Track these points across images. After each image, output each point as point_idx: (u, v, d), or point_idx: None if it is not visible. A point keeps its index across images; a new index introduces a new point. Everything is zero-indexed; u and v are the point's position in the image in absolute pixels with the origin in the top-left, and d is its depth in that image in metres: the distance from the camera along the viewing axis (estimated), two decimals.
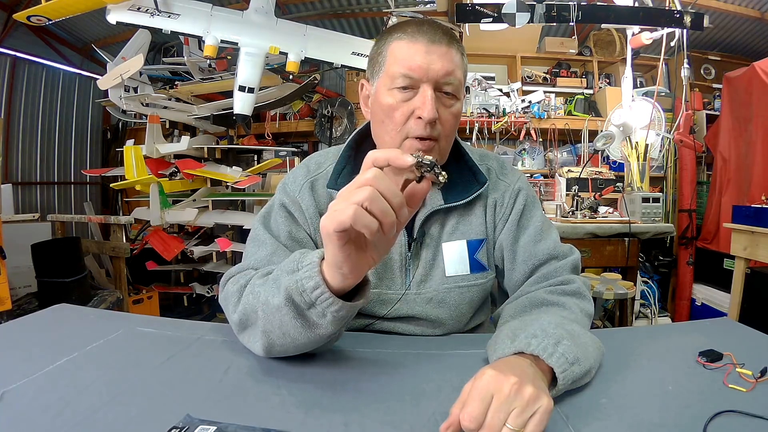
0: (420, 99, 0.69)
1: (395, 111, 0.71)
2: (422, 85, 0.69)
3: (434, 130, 0.71)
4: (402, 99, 0.70)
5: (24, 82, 3.84)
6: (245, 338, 0.65)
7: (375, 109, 0.75)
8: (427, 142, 0.71)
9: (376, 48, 0.76)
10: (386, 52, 0.72)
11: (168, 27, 2.39)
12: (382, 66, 0.73)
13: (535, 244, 0.79)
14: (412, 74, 0.69)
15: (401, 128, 0.71)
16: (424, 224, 0.79)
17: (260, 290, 0.61)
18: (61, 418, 0.48)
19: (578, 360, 0.55)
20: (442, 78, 0.69)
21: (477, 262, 0.80)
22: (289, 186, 0.81)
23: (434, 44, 0.69)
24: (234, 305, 0.66)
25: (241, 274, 0.71)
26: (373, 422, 0.49)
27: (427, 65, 0.68)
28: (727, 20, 3.52)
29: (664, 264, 3.47)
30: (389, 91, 0.71)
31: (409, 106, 0.70)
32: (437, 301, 0.79)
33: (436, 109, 0.69)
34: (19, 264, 2.40)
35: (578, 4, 2.39)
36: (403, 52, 0.70)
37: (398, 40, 0.71)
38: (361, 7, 3.82)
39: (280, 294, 0.56)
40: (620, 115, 2.86)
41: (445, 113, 0.71)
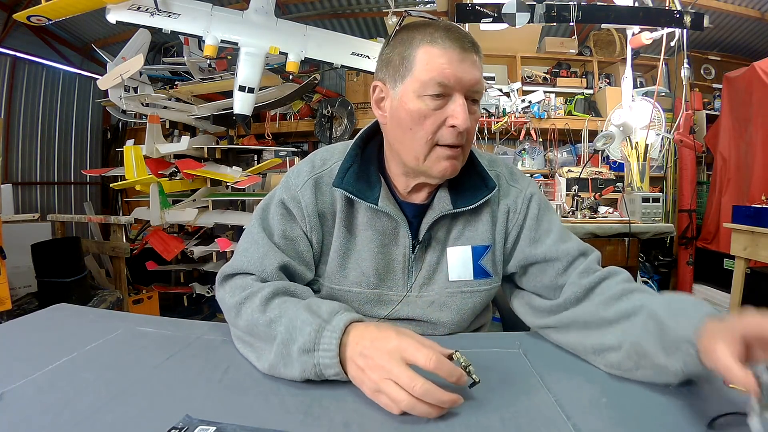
0: (453, 108, 0.68)
1: (426, 119, 0.70)
2: (455, 93, 0.69)
3: (463, 138, 0.71)
4: (434, 107, 0.69)
5: (24, 82, 3.85)
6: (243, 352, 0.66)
7: (400, 114, 0.72)
8: (457, 150, 0.71)
9: (398, 51, 0.72)
10: (414, 56, 0.70)
11: (168, 26, 2.39)
12: (409, 71, 0.70)
13: (563, 243, 0.78)
14: (447, 82, 0.68)
15: (432, 136, 0.70)
16: (431, 228, 0.79)
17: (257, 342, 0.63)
18: (61, 418, 0.48)
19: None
20: (473, 87, 0.69)
21: (481, 269, 0.80)
22: (291, 180, 0.80)
23: (466, 52, 0.69)
24: (234, 318, 0.68)
25: (236, 282, 0.72)
26: (373, 422, 0.49)
27: (461, 74, 0.68)
28: (727, 20, 3.52)
29: (664, 264, 3.47)
30: (420, 98, 0.69)
31: (442, 114, 0.69)
32: (439, 305, 0.79)
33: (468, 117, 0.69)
34: (19, 264, 2.40)
35: (578, 4, 2.39)
36: (435, 59, 0.68)
37: (429, 46, 0.69)
38: (361, 7, 3.82)
39: (293, 367, 0.57)
40: (620, 115, 2.86)
41: (471, 120, 0.71)
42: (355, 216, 0.79)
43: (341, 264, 0.79)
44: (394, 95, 0.73)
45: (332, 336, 0.56)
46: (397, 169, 0.79)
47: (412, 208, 0.80)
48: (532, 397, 0.54)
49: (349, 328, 0.58)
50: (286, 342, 0.58)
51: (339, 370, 0.55)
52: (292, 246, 0.77)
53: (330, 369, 0.55)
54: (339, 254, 0.79)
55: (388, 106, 0.75)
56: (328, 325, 0.57)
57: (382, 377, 0.52)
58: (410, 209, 0.80)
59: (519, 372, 0.62)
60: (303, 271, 0.78)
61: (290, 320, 0.60)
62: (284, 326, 0.60)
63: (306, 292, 0.72)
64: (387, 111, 0.75)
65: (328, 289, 0.80)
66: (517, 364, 0.64)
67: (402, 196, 0.80)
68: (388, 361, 0.52)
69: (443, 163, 0.72)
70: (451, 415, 0.50)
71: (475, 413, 0.50)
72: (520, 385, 0.58)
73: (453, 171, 0.73)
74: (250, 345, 0.65)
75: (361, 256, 0.79)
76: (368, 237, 0.78)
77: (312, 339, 0.56)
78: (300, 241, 0.78)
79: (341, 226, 0.79)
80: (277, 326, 0.60)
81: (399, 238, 0.79)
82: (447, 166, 0.72)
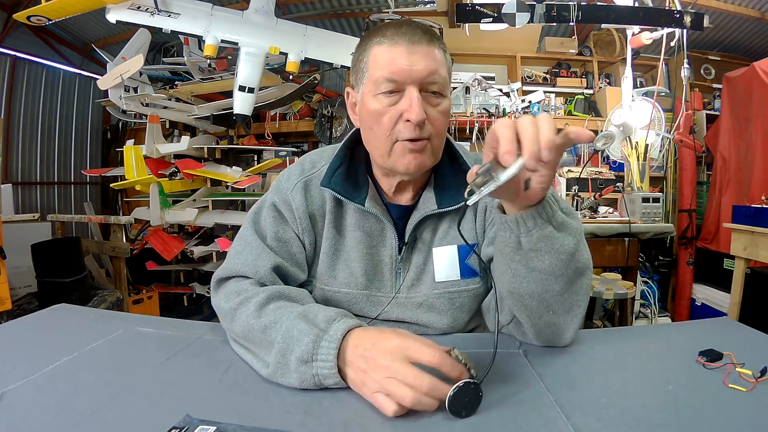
0: (406, 102, 0.68)
1: (383, 116, 0.70)
2: (407, 87, 0.68)
3: (424, 131, 0.70)
4: (388, 103, 0.69)
5: (24, 82, 3.85)
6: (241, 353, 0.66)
7: (363, 115, 0.74)
8: (419, 143, 0.71)
9: (357, 55, 0.74)
10: (368, 57, 0.71)
11: (168, 26, 2.39)
12: (365, 72, 0.72)
13: None
14: (395, 77, 0.68)
15: (390, 132, 0.71)
16: (416, 229, 0.79)
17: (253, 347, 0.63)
18: (61, 418, 0.48)
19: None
20: (427, 78, 0.69)
21: (468, 268, 0.80)
22: (282, 184, 0.82)
23: (415, 45, 0.68)
24: (229, 324, 0.68)
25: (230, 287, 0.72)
26: (373, 422, 0.49)
27: (409, 67, 0.67)
28: (727, 20, 3.52)
29: (664, 264, 3.47)
30: (375, 97, 0.70)
31: (396, 109, 0.69)
32: (427, 306, 0.79)
33: (423, 110, 0.68)
34: (19, 264, 2.40)
35: (578, 4, 2.39)
36: (384, 56, 0.69)
37: (378, 45, 0.70)
38: (361, 7, 3.82)
39: (291, 377, 0.57)
40: (620, 115, 2.86)
41: (434, 112, 0.71)
42: (344, 217, 0.80)
43: (330, 265, 0.80)
44: (359, 98, 0.75)
45: (330, 346, 0.56)
46: (378, 170, 0.80)
47: (399, 209, 0.80)
48: (532, 397, 0.54)
49: (347, 336, 0.57)
50: (284, 352, 0.58)
51: (338, 380, 0.55)
52: (285, 248, 0.78)
53: (329, 379, 0.55)
54: (328, 255, 0.80)
55: (358, 109, 0.76)
56: (326, 335, 0.57)
57: (385, 376, 0.51)
58: (396, 210, 0.80)
59: (519, 372, 0.62)
60: (296, 273, 0.78)
61: (287, 329, 0.60)
62: (281, 335, 0.59)
63: (301, 295, 0.72)
64: (357, 113, 0.77)
65: (320, 290, 0.80)
66: (517, 364, 0.64)
67: (388, 197, 0.81)
68: (392, 360, 0.52)
69: (406, 157, 0.71)
70: (450, 414, 0.50)
71: (475, 413, 0.50)
72: (520, 385, 0.58)
73: (418, 165, 0.72)
74: (247, 349, 0.65)
75: (349, 257, 0.79)
76: (357, 238, 0.79)
77: (309, 350, 0.56)
78: (292, 243, 0.78)
79: (330, 227, 0.79)
80: (273, 333, 0.60)
81: (386, 240, 0.79)
82: (410, 160, 0.71)
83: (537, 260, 0.58)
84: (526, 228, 0.57)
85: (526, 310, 0.65)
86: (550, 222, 0.57)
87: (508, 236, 0.59)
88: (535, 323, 0.66)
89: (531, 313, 0.65)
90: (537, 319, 0.65)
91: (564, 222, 0.58)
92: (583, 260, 0.62)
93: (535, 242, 0.57)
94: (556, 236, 0.57)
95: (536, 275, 0.60)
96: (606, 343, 0.72)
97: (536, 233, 0.57)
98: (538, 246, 0.57)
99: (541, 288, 0.61)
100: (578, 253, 0.60)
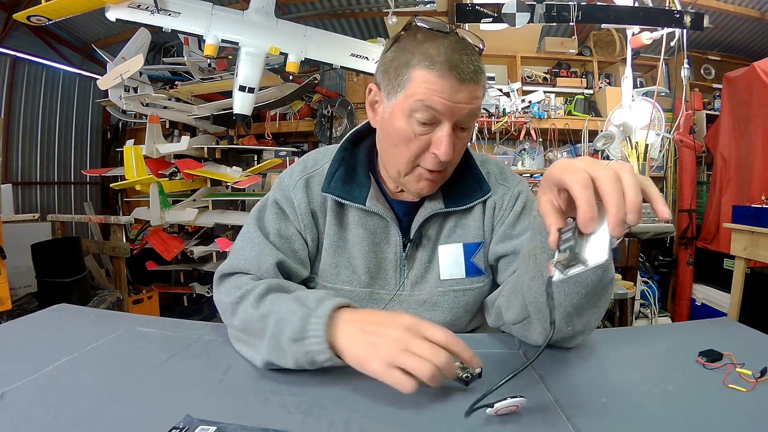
0: (438, 137, 0.67)
1: (411, 141, 0.68)
2: (444, 122, 0.66)
3: (445, 164, 0.71)
4: (420, 132, 0.67)
5: (24, 82, 3.84)
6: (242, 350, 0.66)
7: (388, 129, 0.71)
8: (438, 174, 0.72)
9: (396, 62, 0.68)
10: (410, 75, 0.66)
11: (168, 25, 2.38)
12: (402, 87, 0.67)
13: None
14: (436, 109, 0.65)
15: (415, 159, 0.70)
16: (422, 226, 0.79)
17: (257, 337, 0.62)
18: (61, 418, 0.48)
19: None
20: (465, 117, 0.67)
21: (473, 266, 0.80)
22: (284, 181, 0.82)
23: (464, 83, 0.64)
24: (230, 318, 0.68)
25: (232, 282, 0.72)
26: (373, 422, 0.49)
27: (453, 105, 0.65)
28: (727, 20, 3.52)
29: (664, 264, 3.47)
30: (407, 119, 0.67)
31: (427, 139, 0.68)
32: (431, 304, 0.79)
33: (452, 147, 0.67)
34: (19, 264, 2.40)
35: (578, 4, 2.39)
36: (429, 85, 0.64)
37: (425, 69, 0.65)
38: (361, 7, 3.81)
39: (286, 359, 0.57)
40: (620, 115, 2.86)
41: (458, 146, 0.70)
42: (345, 215, 0.80)
43: (333, 262, 0.80)
44: (387, 106, 0.71)
45: (318, 322, 0.56)
46: (385, 171, 0.80)
47: (403, 206, 0.80)
48: (532, 397, 0.54)
49: (337, 314, 0.57)
50: (276, 334, 0.58)
51: (330, 355, 0.55)
52: (288, 244, 0.78)
53: (321, 355, 0.55)
54: (330, 252, 0.80)
55: (381, 113, 0.74)
56: (315, 312, 0.57)
57: (400, 349, 0.51)
58: (401, 207, 0.80)
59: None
60: (298, 269, 0.78)
61: (279, 313, 0.60)
62: (274, 320, 0.60)
63: (300, 290, 0.72)
64: (379, 117, 0.74)
65: (322, 288, 0.81)
66: (517, 364, 0.64)
67: (393, 194, 0.81)
68: (407, 334, 0.52)
69: (422, 183, 0.73)
70: (451, 415, 0.50)
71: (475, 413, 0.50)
72: (520, 385, 0.57)
73: (430, 190, 0.75)
74: (246, 343, 0.65)
75: (352, 255, 0.80)
76: (359, 235, 0.79)
77: (299, 328, 0.56)
78: (295, 240, 0.79)
79: (332, 224, 0.80)
80: (269, 320, 0.61)
81: (390, 237, 0.80)
82: (425, 186, 0.73)
83: None
84: None
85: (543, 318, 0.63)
86: None
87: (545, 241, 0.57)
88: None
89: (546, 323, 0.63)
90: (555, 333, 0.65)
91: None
92: (611, 274, 0.61)
93: None
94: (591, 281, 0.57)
95: (566, 286, 0.58)
96: (606, 343, 0.72)
97: None
98: None
99: (567, 301, 0.59)
100: (609, 266, 0.60)
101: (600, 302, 0.62)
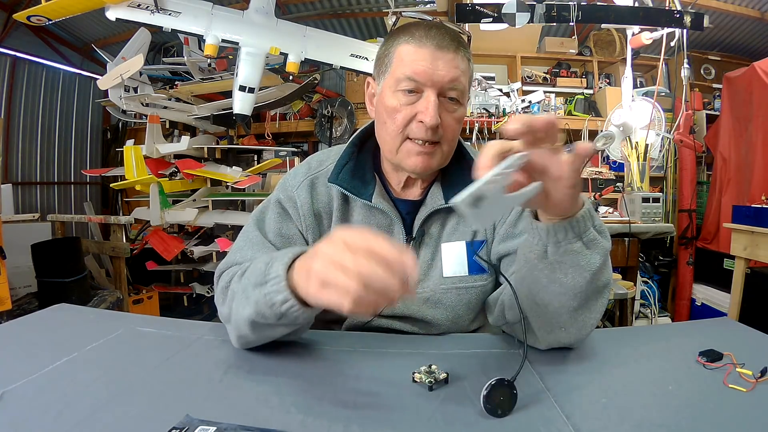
0: (423, 104, 0.70)
1: (398, 113, 0.72)
2: (426, 90, 0.70)
3: (436, 135, 0.72)
4: (406, 102, 0.71)
5: (24, 82, 3.84)
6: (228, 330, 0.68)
7: (379, 108, 0.76)
8: (428, 146, 0.72)
9: (383, 49, 0.76)
10: (393, 54, 0.73)
11: (168, 25, 2.38)
12: (388, 67, 0.74)
13: None
14: (416, 78, 0.69)
15: (402, 130, 0.72)
16: (424, 223, 0.80)
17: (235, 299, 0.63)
18: (61, 418, 0.48)
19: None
20: (447, 84, 0.70)
21: (476, 264, 0.80)
22: (288, 182, 0.83)
23: (441, 50, 0.69)
24: (221, 305, 0.70)
25: (227, 271, 0.73)
26: (373, 422, 0.49)
27: (432, 71, 0.69)
28: (727, 20, 3.52)
29: (664, 264, 3.47)
30: (394, 93, 0.72)
31: (413, 109, 0.71)
32: (433, 302, 0.79)
33: (438, 115, 0.70)
34: (19, 264, 2.40)
35: (578, 4, 2.39)
36: (409, 56, 0.70)
37: (406, 44, 0.71)
38: (361, 7, 3.81)
39: (249, 306, 0.58)
40: (620, 115, 2.86)
41: (448, 118, 0.72)
42: (350, 214, 0.81)
43: None
44: (378, 90, 0.77)
45: (279, 264, 0.55)
46: (387, 164, 0.81)
47: (407, 204, 0.81)
48: (532, 397, 0.54)
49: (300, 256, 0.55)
50: (245, 287, 0.59)
51: (287, 296, 0.53)
52: (288, 244, 0.78)
53: (278, 295, 0.54)
54: None
55: (375, 101, 0.78)
56: (278, 257, 0.57)
57: (326, 263, 0.46)
58: (404, 206, 0.81)
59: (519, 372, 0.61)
60: None
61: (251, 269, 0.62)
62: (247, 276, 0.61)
63: None
64: (375, 105, 0.79)
65: None
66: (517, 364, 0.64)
67: (396, 192, 0.82)
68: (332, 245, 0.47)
69: (414, 158, 0.73)
70: (451, 415, 0.50)
71: (475, 413, 0.50)
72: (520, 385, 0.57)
73: (425, 167, 0.74)
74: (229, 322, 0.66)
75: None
76: None
77: (262, 272, 0.57)
78: (296, 240, 0.79)
79: (338, 224, 0.80)
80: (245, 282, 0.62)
81: (393, 234, 0.80)
82: (418, 162, 0.73)
83: (560, 273, 0.58)
84: (556, 239, 0.56)
85: (538, 321, 0.65)
86: (580, 238, 0.56)
87: (535, 243, 0.58)
88: (545, 338, 0.66)
89: (542, 325, 0.65)
90: (547, 334, 0.65)
91: (594, 239, 0.58)
92: (604, 279, 0.61)
93: (562, 255, 0.57)
94: (584, 253, 0.57)
95: (556, 288, 0.59)
96: (606, 343, 0.72)
97: (564, 246, 0.56)
98: (564, 259, 0.57)
99: (557, 302, 0.60)
100: (601, 272, 0.59)
101: (595, 306, 0.62)
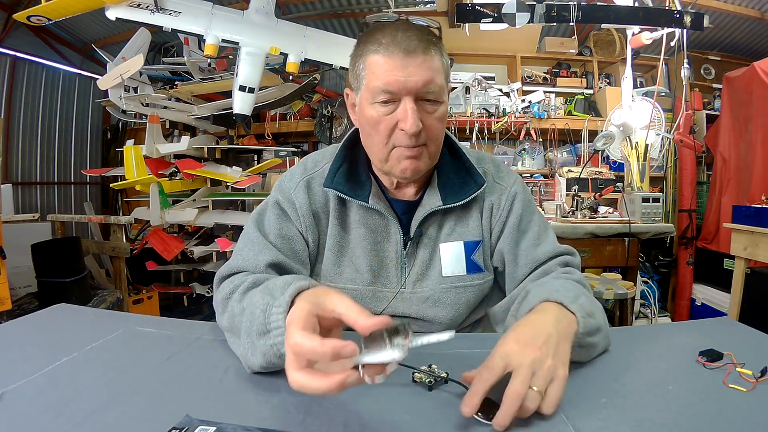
0: (402, 112, 0.69)
1: (379, 124, 0.71)
2: (403, 98, 0.69)
3: (420, 139, 0.71)
4: (385, 113, 0.70)
5: (24, 82, 3.84)
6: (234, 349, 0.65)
7: (361, 120, 0.75)
8: (415, 150, 0.72)
9: (354, 59, 0.75)
10: (364, 64, 0.71)
11: (168, 24, 2.38)
12: (362, 80, 0.72)
13: (536, 247, 0.81)
14: (390, 89, 0.68)
15: (388, 140, 0.72)
16: (421, 224, 0.80)
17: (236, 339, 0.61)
18: (61, 418, 0.48)
19: (593, 314, 0.62)
20: (422, 88, 0.69)
21: (473, 263, 0.81)
22: (285, 183, 0.83)
23: (410, 55, 0.67)
24: (220, 314, 0.69)
25: (228, 279, 0.72)
26: (373, 422, 0.49)
27: (405, 78, 0.67)
28: (727, 20, 3.52)
29: (664, 264, 3.47)
30: (372, 105, 0.71)
31: (393, 118, 0.70)
32: (433, 301, 0.80)
33: (419, 120, 0.69)
34: (19, 264, 2.40)
35: (578, 4, 2.39)
36: (380, 67, 0.69)
37: (374, 54, 0.69)
38: (361, 7, 3.81)
39: (258, 356, 0.55)
40: (620, 115, 2.86)
41: (430, 119, 0.71)
42: (347, 214, 0.81)
43: (336, 261, 0.81)
44: (357, 102, 0.75)
45: (278, 312, 0.52)
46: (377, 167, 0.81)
47: (403, 204, 0.81)
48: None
49: (298, 299, 0.52)
50: (249, 331, 0.56)
51: None
52: (289, 245, 0.79)
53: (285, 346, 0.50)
54: (333, 252, 0.81)
55: (357, 111, 0.77)
56: (275, 302, 0.54)
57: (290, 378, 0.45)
58: (401, 206, 0.81)
59: None
60: (299, 270, 0.78)
61: (250, 307, 0.58)
62: (246, 316, 0.58)
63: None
64: (356, 115, 0.78)
65: None
66: None
67: (392, 193, 0.82)
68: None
69: (403, 163, 0.73)
70: (451, 415, 0.50)
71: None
72: None
73: (414, 170, 0.74)
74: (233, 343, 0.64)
75: (354, 254, 0.80)
76: (361, 234, 0.80)
77: (262, 321, 0.54)
78: (296, 240, 0.79)
79: (335, 224, 0.81)
80: (245, 316, 0.59)
81: (390, 235, 0.80)
82: (407, 166, 0.73)
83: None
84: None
85: None
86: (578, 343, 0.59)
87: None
88: None
89: None
90: None
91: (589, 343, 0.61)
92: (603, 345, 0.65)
93: None
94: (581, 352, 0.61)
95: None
96: None
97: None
98: None
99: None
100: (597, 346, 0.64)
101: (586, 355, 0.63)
